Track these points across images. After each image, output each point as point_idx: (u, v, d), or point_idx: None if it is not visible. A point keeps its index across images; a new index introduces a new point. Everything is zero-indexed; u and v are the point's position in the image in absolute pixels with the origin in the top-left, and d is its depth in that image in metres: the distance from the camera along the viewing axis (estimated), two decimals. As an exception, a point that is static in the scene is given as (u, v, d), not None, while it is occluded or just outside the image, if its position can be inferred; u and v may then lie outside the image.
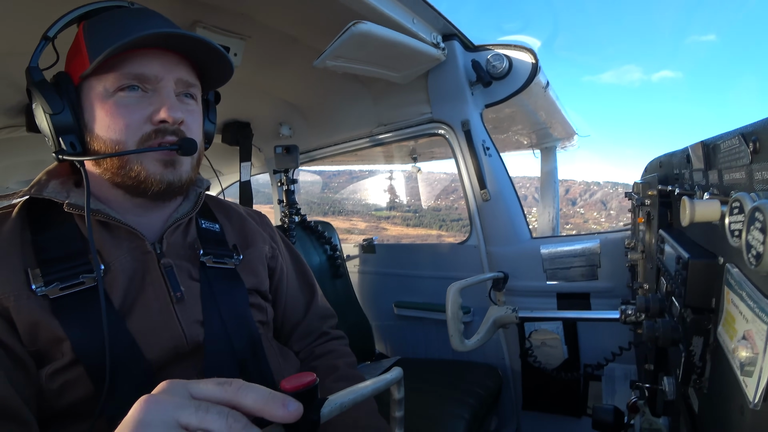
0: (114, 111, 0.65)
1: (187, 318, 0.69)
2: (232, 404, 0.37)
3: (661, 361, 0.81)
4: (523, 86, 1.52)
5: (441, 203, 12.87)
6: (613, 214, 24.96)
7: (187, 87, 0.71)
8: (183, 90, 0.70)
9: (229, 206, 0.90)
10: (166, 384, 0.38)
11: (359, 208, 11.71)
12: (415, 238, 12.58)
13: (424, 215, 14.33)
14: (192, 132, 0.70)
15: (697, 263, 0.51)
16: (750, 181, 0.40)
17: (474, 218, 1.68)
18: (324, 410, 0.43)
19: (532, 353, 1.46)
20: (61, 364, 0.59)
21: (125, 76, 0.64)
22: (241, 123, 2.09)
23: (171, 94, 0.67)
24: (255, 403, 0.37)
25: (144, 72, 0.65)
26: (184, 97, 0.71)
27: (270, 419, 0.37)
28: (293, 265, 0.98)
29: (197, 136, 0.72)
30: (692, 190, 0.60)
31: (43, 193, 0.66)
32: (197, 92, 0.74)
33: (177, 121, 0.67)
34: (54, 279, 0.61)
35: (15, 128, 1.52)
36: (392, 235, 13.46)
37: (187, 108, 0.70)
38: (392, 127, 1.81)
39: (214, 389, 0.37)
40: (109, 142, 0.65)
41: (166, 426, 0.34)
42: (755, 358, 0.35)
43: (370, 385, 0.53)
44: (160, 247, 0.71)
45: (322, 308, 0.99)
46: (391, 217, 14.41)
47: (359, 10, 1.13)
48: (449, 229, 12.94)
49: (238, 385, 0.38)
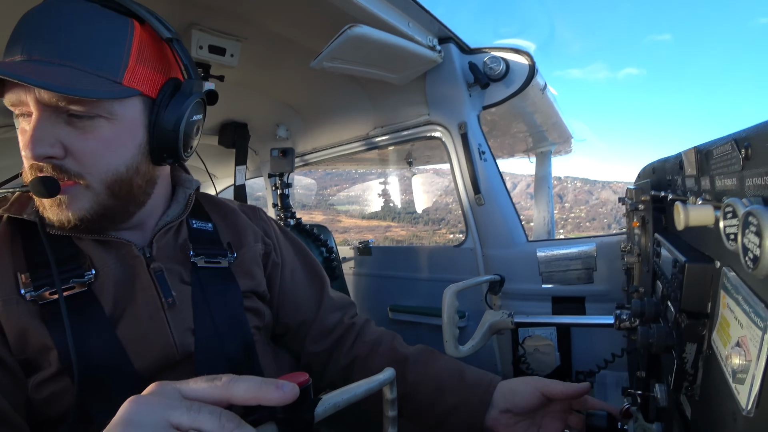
0: (20, 138, 0.60)
1: (178, 326, 0.67)
2: (225, 398, 0.37)
3: (653, 369, 0.80)
4: (521, 87, 1.52)
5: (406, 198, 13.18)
6: (567, 207, 25.20)
7: (68, 103, 0.56)
8: (65, 109, 0.57)
9: (223, 203, 0.87)
10: (155, 385, 0.37)
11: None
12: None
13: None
14: (85, 161, 0.59)
15: (694, 267, 0.51)
16: (741, 188, 0.40)
17: (469, 221, 1.68)
18: (318, 410, 0.44)
19: (525, 360, 1.46)
20: (48, 374, 0.58)
21: (6, 103, 0.58)
22: (238, 124, 2.08)
23: (41, 123, 0.56)
24: (247, 392, 0.37)
25: (12, 99, 0.57)
26: (76, 119, 0.58)
27: (266, 404, 0.37)
28: (298, 256, 0.92)
29: (102, 162, 0.60)
30: (685, 196, 0.60)
31: (23, 214, 0.64)
32: (97, 107, 0.58)
33: (40, 157, 0.56)
34: (44, 283, 0.60)
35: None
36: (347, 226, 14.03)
37: (76, 132, 0.58)
38: (389, 129, 1.80)
39: (205, 386, 0.37)
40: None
41: (156, 426, 0.33)
42: (748, 366, 0.35)
43: (363, 386, 0.54)
44: (150, 251, 0.69)
45: (338, 298, 0.93)
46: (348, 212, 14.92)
47: (355, 13, 1.13)
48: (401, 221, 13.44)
49: (228, 379, 0.37)
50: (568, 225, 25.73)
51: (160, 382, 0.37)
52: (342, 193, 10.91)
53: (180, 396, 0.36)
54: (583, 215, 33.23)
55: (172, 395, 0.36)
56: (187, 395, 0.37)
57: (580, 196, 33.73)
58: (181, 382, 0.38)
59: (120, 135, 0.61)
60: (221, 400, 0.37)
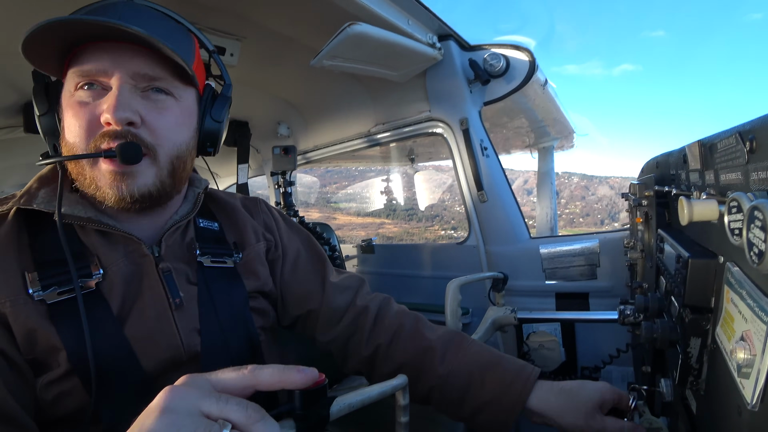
0: (72, 112, 0.61)
1: (185, 326, 0.67)
2: (252, 384, 0.40)
3: (658, 363, 0.80)
4: (522, 83, 1.52)
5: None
6: (563, 203, 25.50)
7: (150, 81, 0.63)
8: (147, 84, 0.63)
9: (225, 201, 0.86)
10: (187, 377, 0.40)
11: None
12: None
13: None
14: (158, 133, 0.63)
15: (698, 262, 0.50)
16: (746, 182, 0.40)
17: (472, 218, 1.67)
18: (333, 408, 0.47)
19: (529, 356, 1.46)
20: (57, 375, 0.58)
21: (78, 73, 0.61)
22: (239, 122, 2.08)
23: (122, 91, 0.60)
24: (272, 377, 0.41)
25: (93, 67, 0.60)
26: (153, 93, 0.63)
27: (290, 386, 0.41)
28: (300, 244, 0.90)
29: (171, 137, 0.65)
30: (689, 191, 0.60)
31: (32, 204, 0.63)
32: (172, 86, 0.65)
33: (123, 121, 0.59)
34: (52, 283, 0.59)
35: (12, 129, 1.51)
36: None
37: (152, 105, 0.63)
38: (391, 125, 1.80)
39: (232, 375, 0.40)
40: (68, 145, 0.62)
41: (189, 414, 0.36)
42: (753, 360, 0.35)
43: (377, 389, 0.56)
44: (158, 250, 0.69)
45: (344, 279, 0.89)
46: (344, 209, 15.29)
47: (354, 11, 1.13)
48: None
49: (253, 367, 0.41)
50: (561, 221, 25.97)
51: (191, 375, 0.40)
52: (341, 191, 10.94)
53: (210, 387, 0.39)
54: (578, 211, 33.19)
55: (204, 386, 0.39)
56: (216, 386, 0.40)
57: (576, 192, 33.68)
58: (210, 374, 0.41)
59: (184, 117, 0.68)
60: (249, 387, 0.40)
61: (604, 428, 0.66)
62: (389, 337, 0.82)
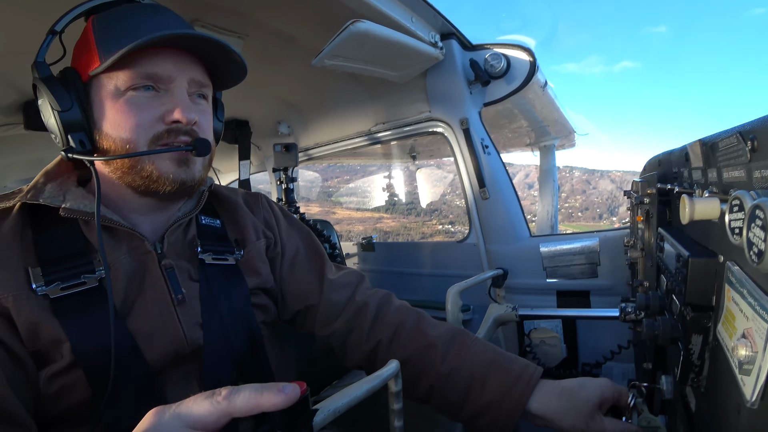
0: (125, 109, 0.64)
1: (188, 320, 0.68)
2: (226, 413, 0.36)
3: (659, 360, 0.81)
4: (522, 85, 1.52)
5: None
6: (563, 197, 25.46)
7: (199, 87, 0.70)
8: (196, 90, 0.70)
9: (227, 198, 0.86)
10: (154, 416, 0.37)
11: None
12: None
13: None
14: (204, 132, 0.70)
15: (698, 261, 0.51)
16: (749, 180, 0.40)
17: (473, 216, 1.68)
18: (317, 419, 0.44)
19: (531, 352, 1.46)
20: (60, 367, 0.59)
21: (138, 75, 0.63)
22: (239, 121, 2.08)
23: (184, 95, 0.67)
24: (248, 402, 0.36)
25: (158, 72, 0.64)
26: (197, 98, 0.71)
27: (270, 409, 0.37)
28: (300, 241, 0.91)
29: (209, 136, 0.72)
30: (691, 189, 0.60)
31: (39, 198, 0.64)
32: (209, 92, 0.74)
33: (191, 121, 0.66)
34: (55, 279, 0.60)
35: (12, 126, 1.51)
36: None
37: (200, 108, 0.70)
38: (391, 125, 1.80)
39: (205, 406, 0.37)
40: (119, 140, 0.64)
41: None
42: (754, 357, 0.35)
43: (365, 385, 0.54)
44: (161, 246, 0.70)
45: (342, 275, 0.90)
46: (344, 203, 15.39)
47: (358, 8, 1.12)
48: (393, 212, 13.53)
49: (227, 392, 0.37)
50: (560, 215, 26.32)
51: (158, 410, 0.37)
52: (343, 186, 10.98)
53: (181, 425, 0.36)
54: (577, 205, 33.14)
55: (174, 426, 0.36)
56: (187, 421, 0.36)
57: (577, 186, 33.62)
58: (180, 406, 0.37)
59: (211, 117, 0.76)
60: (224, 416, 0.37)
61: (604, 430, 0.67)
62: (390, 333, 0.82)
